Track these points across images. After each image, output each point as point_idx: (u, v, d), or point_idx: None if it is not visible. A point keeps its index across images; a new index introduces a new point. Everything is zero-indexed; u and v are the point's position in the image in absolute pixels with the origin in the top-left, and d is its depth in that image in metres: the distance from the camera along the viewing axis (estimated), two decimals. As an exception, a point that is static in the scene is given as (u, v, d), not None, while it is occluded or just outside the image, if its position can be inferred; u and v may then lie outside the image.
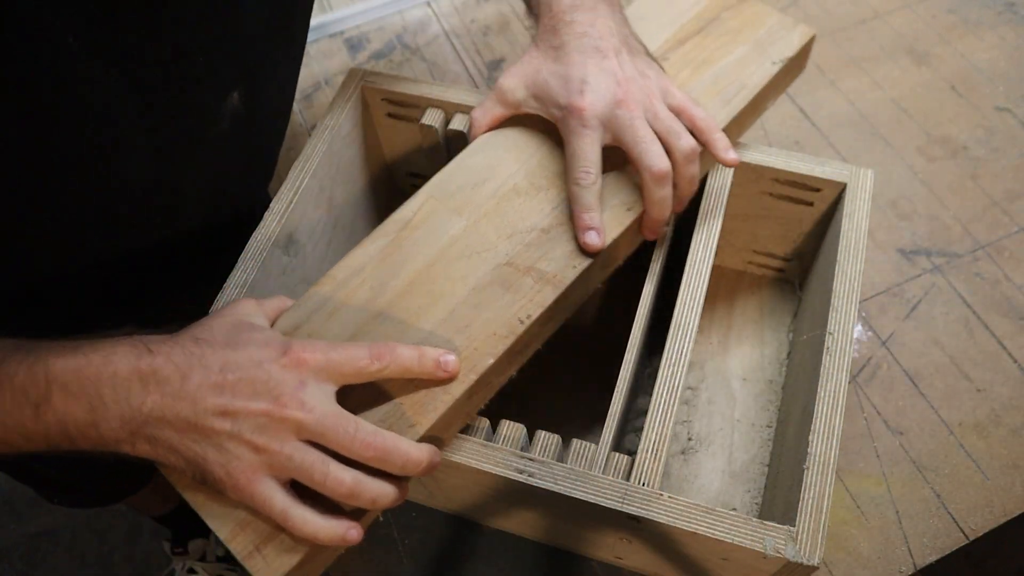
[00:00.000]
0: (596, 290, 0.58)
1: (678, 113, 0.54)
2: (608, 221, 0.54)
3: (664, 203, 0.53)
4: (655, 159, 0.51)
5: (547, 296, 0.51)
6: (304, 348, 0.42)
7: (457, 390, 0.47)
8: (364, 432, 0.41)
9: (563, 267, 0.52)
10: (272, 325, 0.48)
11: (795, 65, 0.63)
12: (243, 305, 0.46)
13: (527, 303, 0.51)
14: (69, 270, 0.58)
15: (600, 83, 0.52)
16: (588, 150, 0.52)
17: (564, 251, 0.53)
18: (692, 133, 0.54)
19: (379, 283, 0.52)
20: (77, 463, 0.82)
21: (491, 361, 0.48)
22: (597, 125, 0.52)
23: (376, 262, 0.53)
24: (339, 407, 0.42)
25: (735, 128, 0.61)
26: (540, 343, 0.54)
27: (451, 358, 0.46)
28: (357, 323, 0.50)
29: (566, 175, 0.54)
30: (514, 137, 0.59)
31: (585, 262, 0.53)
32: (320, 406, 0.41)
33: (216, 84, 0.54)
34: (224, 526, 0.44)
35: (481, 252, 0.53)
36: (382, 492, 0.42)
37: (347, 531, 0.42)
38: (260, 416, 0.40)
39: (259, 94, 0.59)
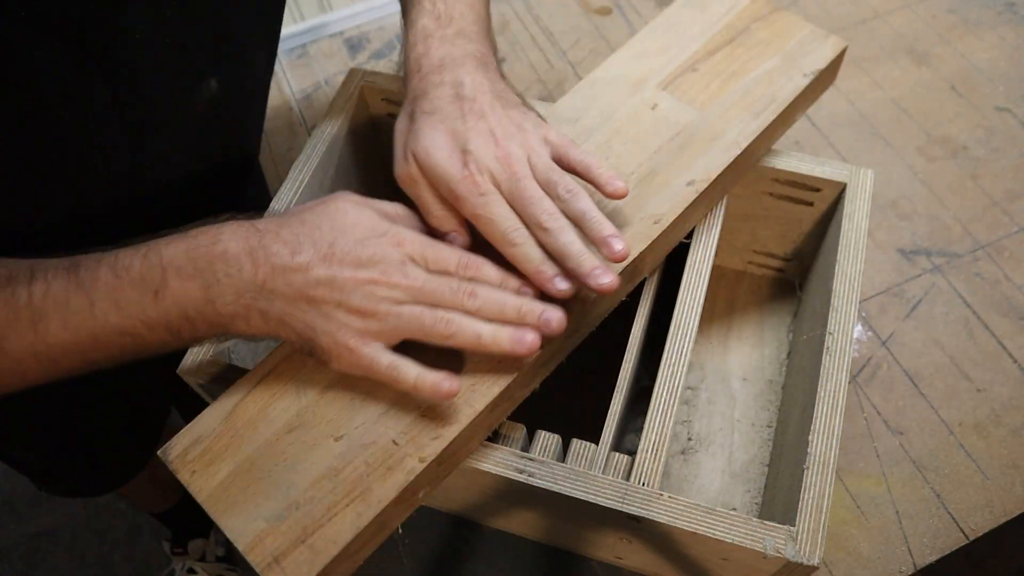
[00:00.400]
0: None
1: (558, 158, 0.50)
2: (634, 236, 0.54)
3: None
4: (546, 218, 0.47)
5: (573, 309, 0.51)
6: (403, 233, 0.45)
7: (480, 403, 0.47)
8: (471, 286, 0.44)
9: None
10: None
11: (826, 77, 0.62)
12: (347, 195, 0.47)
13: None
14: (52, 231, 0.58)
15: (480, 147, 0.48)
16: (502, 212, 0.47)
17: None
18: (576, 172, 0.50)
19: None
20: (70, 451, 0.82)
21: (515, 374, 0.48)
22: (494, 188, 0.48)
23: None
24: (440, 277, 0.44)
25: (764, 140, 0.60)
26: (564, 356, 0.54)
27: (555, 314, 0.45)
28: None
29: (498, 249, 0.48)
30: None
31: None
32: (422, 275, 0.43)
33: (190, 68, 0.53)
34: (243, 538, 0.44)
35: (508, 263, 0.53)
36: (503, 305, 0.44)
37: (443, 381, 0.43)
38: (367, 284, 0.42)
39: (237, 79, 0.59)
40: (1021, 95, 0.91)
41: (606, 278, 0.45)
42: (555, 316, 0.44)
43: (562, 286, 0.46)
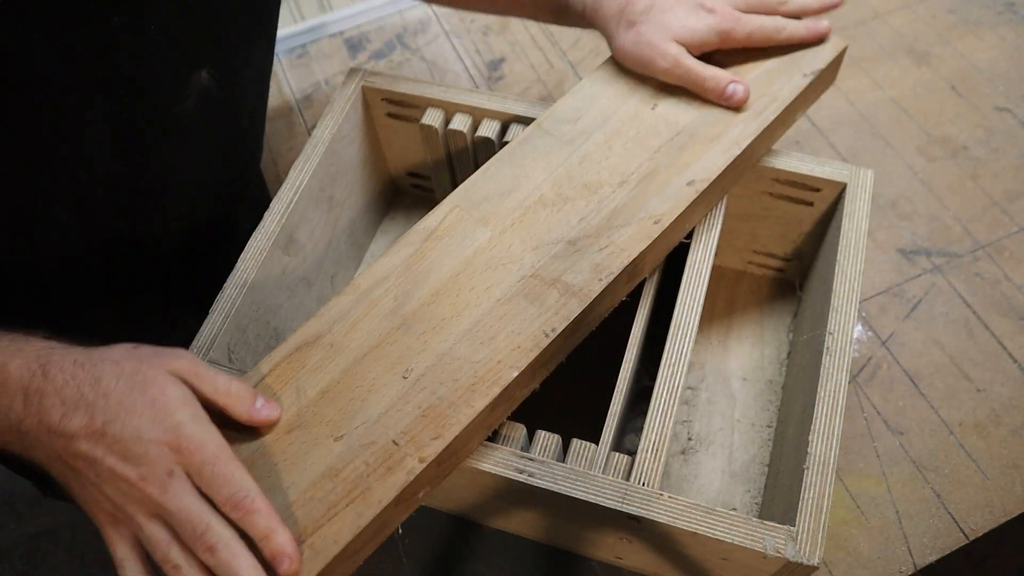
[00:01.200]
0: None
1: None
2: (634, 235, 0.54)
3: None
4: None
5: (572, 309, 0.51)
6: (192, 438, 0.41)
7: (480, 403, 0.47)
8: (210, 536, 0.39)
9: (589, 280, 0.52)
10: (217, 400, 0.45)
11: (826, 77, 0.63)
12: (178, 361, 0.43)
13: (552, 316, 0.50)
14: (44, 268, 0.57)
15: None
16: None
17: (590, 264, 0.53)
18: None
19: (402, 293, 0.52)
20: None
21: (515, 374, 0.48)
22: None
23: (400, 272, 0.53)
24: (201, 504, 0.40)
25: (764, 140, 0.60)
26: (564, 356, 0.54)
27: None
28: (380, 333, 0.50)
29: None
30: (541, 146, 0.59)
31: (611, 275, 0.52)
32: (179, 496, 0.40)
33: (178, 60, 0.53)
34: None
35: (506, 264, 0.53)
36: None
37: None
38: (121, 481, 0.40)
39: (230, 72, 0.59)
40: (1021, 95, 0.91)
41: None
42: (283, 566, 0.40)
43: None
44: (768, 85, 0.60)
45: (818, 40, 0.61)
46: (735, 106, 0.58)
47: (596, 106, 0.61)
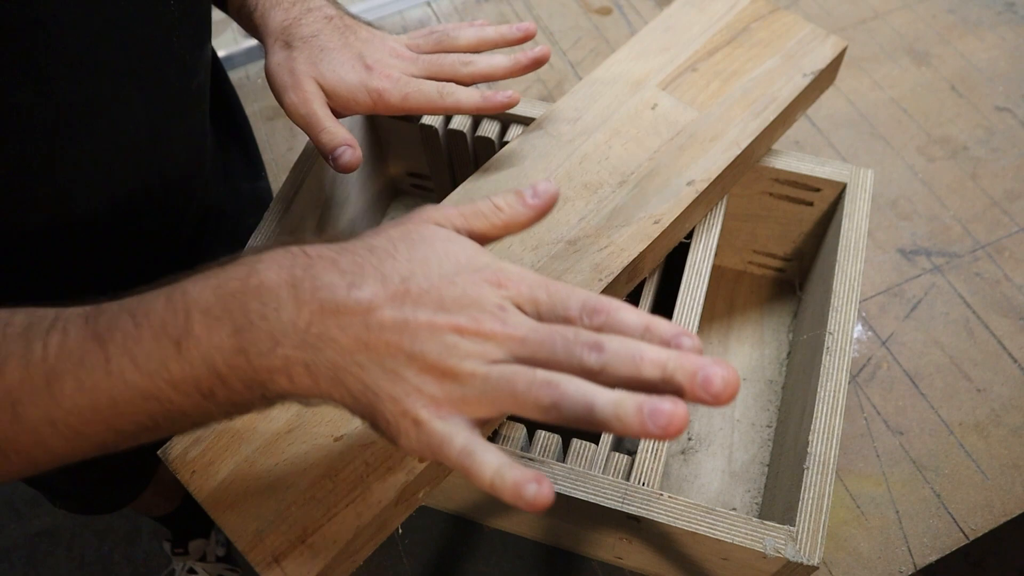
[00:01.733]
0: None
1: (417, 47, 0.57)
2: (634, 235, 0.54)
3: None
4: None
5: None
6: (508, 269, 0.34)
7: None
8: (596, 336, 0.31)
9: (589, 280, 0.52)
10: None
11: (826, 77, 0.62)
12: (431, 211, 0.36)
13: None
14: (68, 230, 0.57)
15: (380, 54, 0.56)
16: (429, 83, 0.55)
17: (590, 264, 0.52)
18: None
19: None
20: (75, 470, 0.82)
21: None
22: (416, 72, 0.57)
23: None
24: (552, 327, 0.32)
25: (764, 140, 0.60)
26: None
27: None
28: None
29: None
30: (541, 146, 0.59)
31: (611, 275, 0.52)
32: (526, 324, 0.32)
33: (191, 34, 0.53)
34: (243, 537, 0.44)
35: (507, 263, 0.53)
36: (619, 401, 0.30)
37: (528, 482, 0.30)
38: (449, 332, 0.31)
39: (205, 40, 0.58)
40: (1021, 95, 0.91)
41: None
42: (719, 374, 0.29)
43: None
44: (768, 85, 0.60)
45: (497, 109, 0.54)
46: (342, 169, 0.51)
47: (596, 106, 0.61)
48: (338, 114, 0.54)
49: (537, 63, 0.55)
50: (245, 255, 0.34)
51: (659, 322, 0.32)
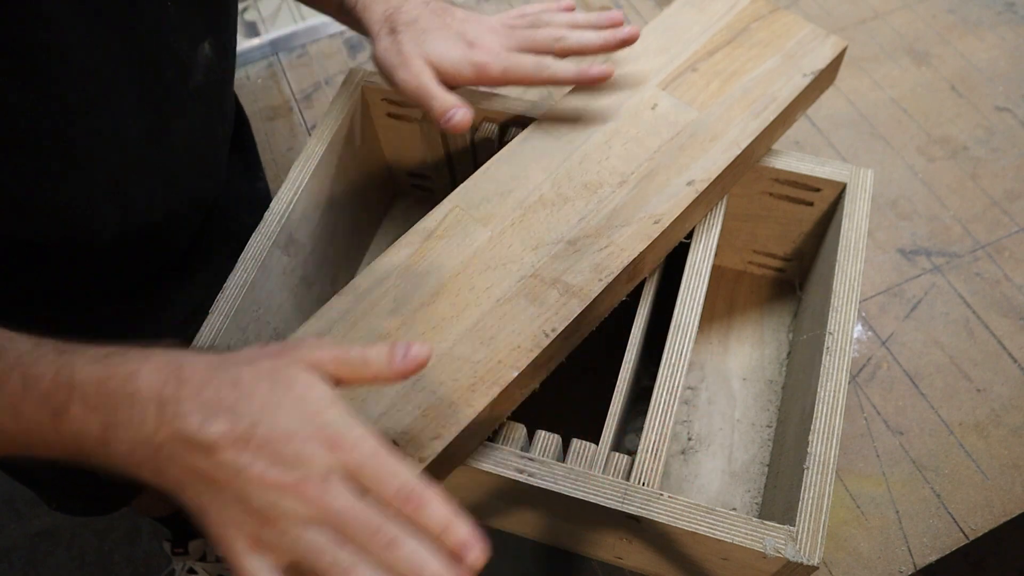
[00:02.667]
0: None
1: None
2: (634, 235, 0.54)
3: None
4: None
5: (572, 309, 0.51)
6: (348, 433, 0.37)
7: (480, 403, 0.47)
8: (388, 530, 0.35)
9: (589, 280, 0.52)
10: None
11: (826, 77, 0.62)
12: (313, 353, 0.39)
13: (552, 316, 0.50)
14: (71, 230, 0.57)
15: (482, 33, 0.60)
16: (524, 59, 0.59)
17: (590, 263, 0.52)
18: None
19: (402, 293, 0.52)
20: (72, 471, 0.82)
21: (515, 374, 0.48)
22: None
23: (400, 272, 0.53)
24: (367, 503, 0.36)
25: (764, 140, 0.60)
26: (564, 356, 0.54)
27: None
28: (379, 333, 0.50)
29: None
30: (541, 146, 0.59)
31: (611, 275, 0.52)
32: (344, 498, 0.36)
33: (190, 33, 0.54)
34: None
35: (507, 264, 0.53)
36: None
37: None
38: (273, 489, 0.35)
39: (224, 43, 0.59)
40: (1021, 95, 0.91)
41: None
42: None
43: None
44: (768, 85, 0.60)
45: (592, 82, 0.59)
46: (454, 129, 0.56)
47: (596, 106, 0.61)
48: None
49: (626, 43, 0.59)
50: (134, 353, 0.38)
51: (457, 527, 0.37)
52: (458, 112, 0.56)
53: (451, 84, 0.58)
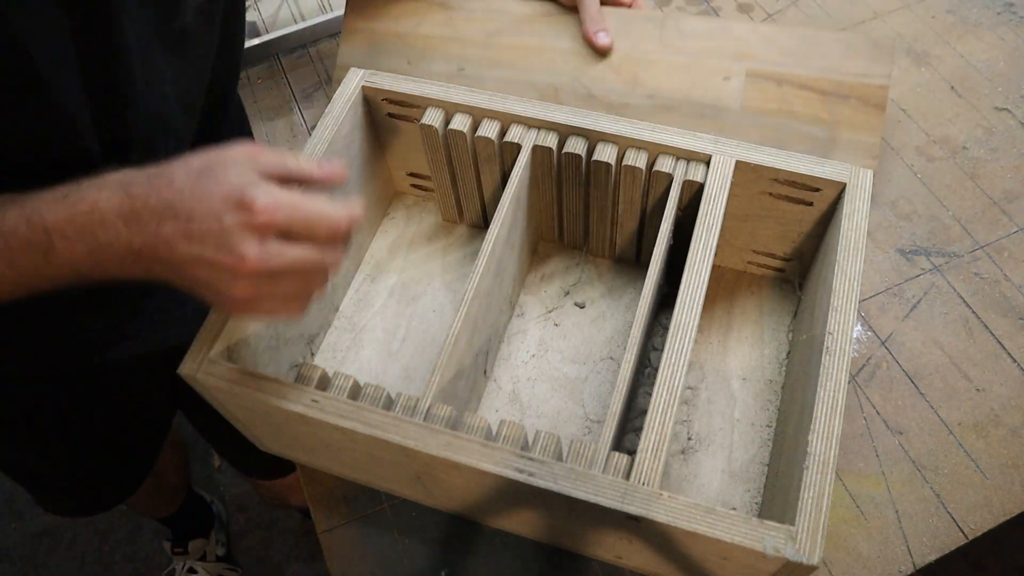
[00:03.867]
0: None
1: None
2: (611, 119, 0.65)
3: None
4: None
5: None
6: (264, 205, 0.43)
7: None
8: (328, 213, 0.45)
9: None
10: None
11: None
12: (238, 148, 0.46)
13: None
14: (60, 167, 0.57)
15: None
16: None
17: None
18: None
19: None
20: (66, 466, 0.81)
21: None
22: None
23: None
24: (295, 245, 0.45)
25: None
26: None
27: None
28: None
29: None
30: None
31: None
32: (283, 254, 0.44)
33: None
34: None
35: None
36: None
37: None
38: (223, 271, 0.43)
39: None
40: (1021, 95, 0.91)
41: None
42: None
43: None
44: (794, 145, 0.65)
45: (594, 45, 0.72)
46: (599, 48, 0.71)
47: (693, 46, 0.75)
48: None
49: None
50: (89, 185, 0.44)
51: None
52: (603, 35, 0.72)
53: None
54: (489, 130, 0.67)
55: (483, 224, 0.79)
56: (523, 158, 0.65)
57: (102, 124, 0.54)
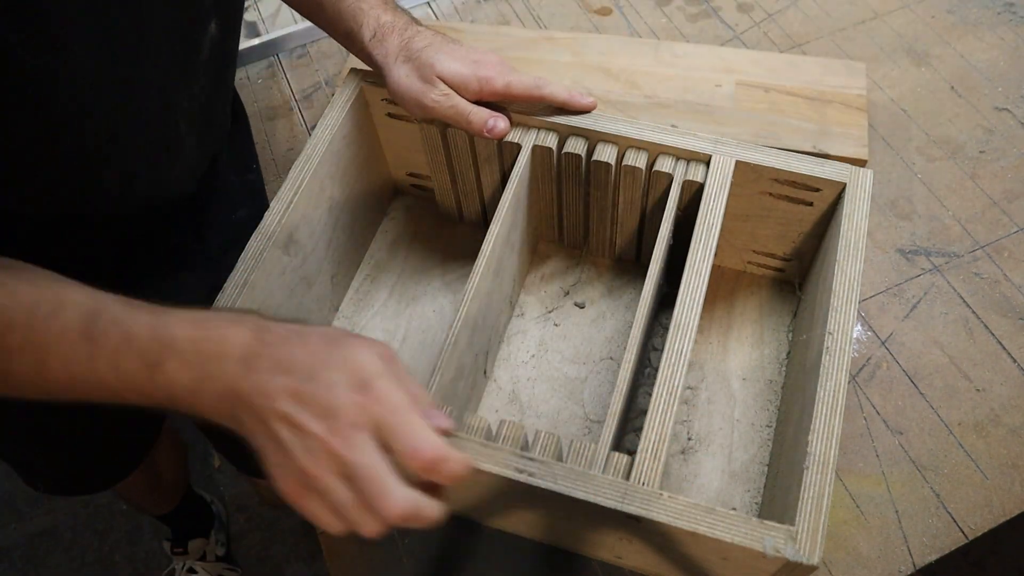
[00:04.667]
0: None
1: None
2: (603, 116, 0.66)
3: None
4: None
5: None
6: (378, 395, 0.41)
7: None
8: (396, 490, 0.40)
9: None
10: None
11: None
12: (380, 344, 0.45)
13: None
14: (77, 194, 0.58)
15: (486, 55, 0.66)
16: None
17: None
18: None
19: None
20: (57, 444, 0.82)
21: None
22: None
23: None
24: (381, 460, 0.41)
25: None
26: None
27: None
28: None
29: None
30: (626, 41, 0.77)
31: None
32: (360, 452, 0.40)
33: (198, 11, 0.56)
34: None
35: None
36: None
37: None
38: (311, 438, 0.40)
39: (231, 23, 0.61)
40: (1021, 95, 0.91)
41: None
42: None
43: None
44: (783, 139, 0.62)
45: (578, 109, 0.65)
46: (498, 136, 0.64)
47: (688, 62, 0.88)
48: None
49: (584, 108, 0.66)
50: (223, 317, 0.44)
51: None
52: (499, 123, 0.64)
53: (468, 96, 0.64)
54: (489, 130, 0.67)
55: (483, 224, 0.79)
56: (523, 158, 0.65)
57: (106, 149, 0.55)
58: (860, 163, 0.81)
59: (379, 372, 0.42)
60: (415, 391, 0.43)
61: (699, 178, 0.63)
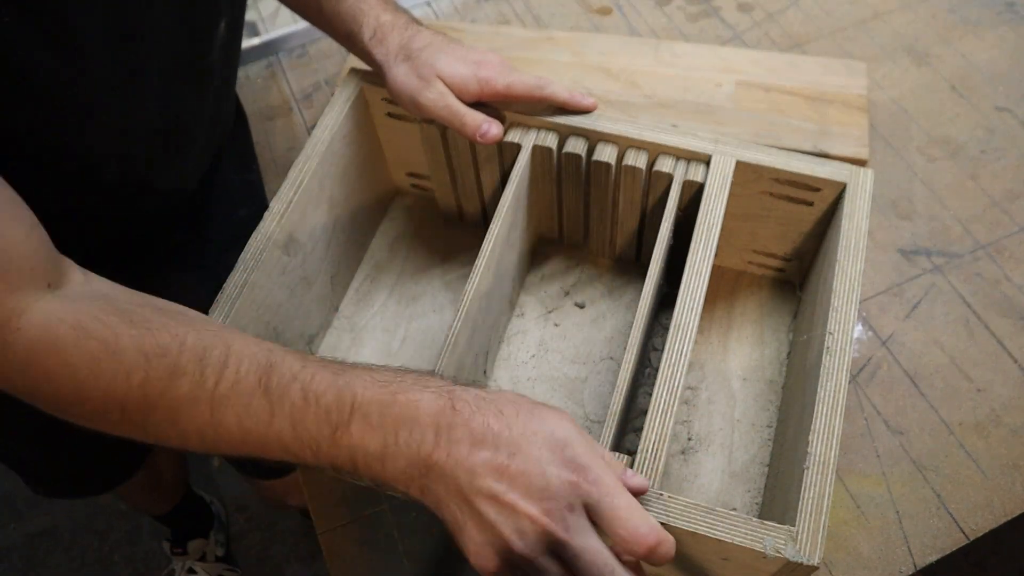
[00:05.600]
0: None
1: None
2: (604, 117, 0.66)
3: None
4: None
5: None
6: (590, 476, 0.40)
7: None
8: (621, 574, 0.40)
9: None
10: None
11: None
12: (565, 414, 0.44)
13: None
14: (82, 196, 0.58)
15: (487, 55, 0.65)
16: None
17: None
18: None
19: None
20: (59, 447, 0.82)
21: None
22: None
23: None
24: (600, 543, 0.40)
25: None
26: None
27: None
28: None
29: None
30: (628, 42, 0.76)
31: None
32: (581, 535, 0.40)
33: (210, 10, 0.56)
34: None
35: None
36: None
37: None
38: (523, 518, 0.39)
39: (238, 23, 0.62)
40: (1021, 95, 0.91)
41: None
42: None
43: None
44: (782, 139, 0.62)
45: (579, 109, 0.65)
46: (490, 142, 0.62)
47: (687, 61, 0.88)
48: None
49: (588, 109, 0.65)
50: (411, 380, 0.42)
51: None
52: (492, 127, 0.62)
53: (465, 99, 0.63)
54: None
55: (483, 224, 0.79)
56: (523, 158, 0.65)
57: (116, 148, 0.55)
58: (860, 163, 0.80)
59: (574, 440, 0.41)
60: (607, 457, 0.43)
61: (699, 178, 0.63)
